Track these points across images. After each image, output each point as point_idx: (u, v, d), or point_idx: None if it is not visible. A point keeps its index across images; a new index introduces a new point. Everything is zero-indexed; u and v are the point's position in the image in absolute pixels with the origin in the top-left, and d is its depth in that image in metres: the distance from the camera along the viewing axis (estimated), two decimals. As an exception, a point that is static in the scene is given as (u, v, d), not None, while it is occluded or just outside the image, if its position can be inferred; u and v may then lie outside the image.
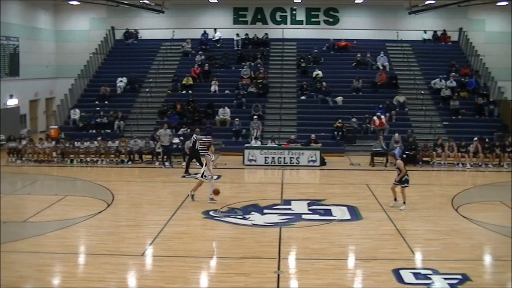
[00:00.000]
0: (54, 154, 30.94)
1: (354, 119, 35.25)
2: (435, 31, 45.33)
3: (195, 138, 27.85)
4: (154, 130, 33.26)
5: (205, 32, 44.12)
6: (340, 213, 20.48)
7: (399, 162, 20.82)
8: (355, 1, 43.78)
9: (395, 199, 20.99)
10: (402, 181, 20.74)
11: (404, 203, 20.64)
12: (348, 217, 20.05)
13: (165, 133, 30.15)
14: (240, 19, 45.56)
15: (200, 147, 27.72)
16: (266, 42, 43.77)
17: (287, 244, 16.91)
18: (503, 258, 15.98)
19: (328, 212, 20.62)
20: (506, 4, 41.95)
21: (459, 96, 38.09)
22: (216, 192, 21.13)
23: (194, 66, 40.37)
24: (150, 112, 37.04)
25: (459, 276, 14.26)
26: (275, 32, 44.55)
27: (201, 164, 25.42)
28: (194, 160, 27.69)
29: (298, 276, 14.52)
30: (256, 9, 45.21)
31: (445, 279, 14.10)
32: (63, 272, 14.41)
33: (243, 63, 40.69)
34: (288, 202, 22.04)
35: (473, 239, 17.93)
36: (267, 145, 31.33)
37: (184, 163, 28.91)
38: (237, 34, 43.79)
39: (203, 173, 21.34)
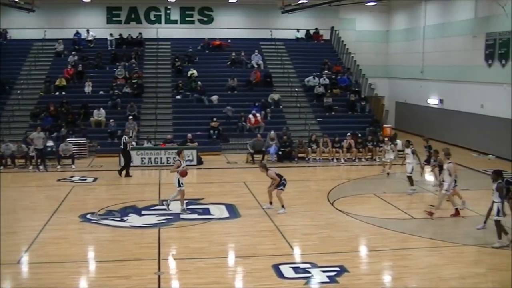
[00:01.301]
0: None
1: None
2: (307, 30, 46.21)
3: (125, 139, 27.55)
4: (27, 133, 32.18)
5: (77, 32, 43.02)
6: (219, 211, 20.58)
7: (270, 172, 20.58)
8: (229, 1, 44.01)
9: (271, 203, 20.83)
10: (278, 185, 20.71)
11: (283, 206, 20.43)
12: (227, 215, 20.17)
13: (38, 136, 29.20)
14: (114, 18, 44.72)
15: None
16: (140, 42, 43.27)
17: (167, 244, 16.83)
18: (377, 248, 16.59)
19: (207, 211, 20.67)
20: (375, 4, 43.45)
21: (332, 93, 39.05)
22: (184, 173, 20.46)
23: (67, 67, 39.31)
24: (22, 115, 35.70)
25: (337, 268, 14.68)
26: (150, 31, 44.12)
27: (127, 165, 25.78)
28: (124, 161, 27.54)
29: (179, 276, 14.49)
30: (130, 8, 44.55)
31: (324, 271, 14.47)
32: None
33: (117, 63, 40.05)
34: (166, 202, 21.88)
35: (349, 231, 18.48)
36: (143, 146, 31.00)
37: (59, 167, 28.24)
38: (111, 34, 43.02)
39: (179, 182, 20.52)
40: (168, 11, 45.07)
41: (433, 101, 40.60)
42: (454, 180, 19.93)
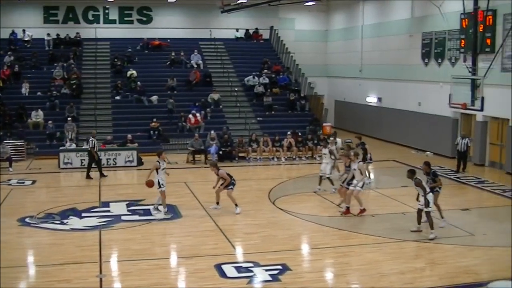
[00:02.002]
0: None
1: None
2: (247, 30, 46.32)
3: (92, 140, 27.22)
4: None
5: (13, 32, 42.17)
6: (160, 212, 20.45)
7: (221, 172, 20.54)
8: (168, 0, 43.81)
9: (218, 203, 20.77)
10: (228, 185, 20.54)
11: (236, 205, 20.34)
12: (168, 216, 20.06)
13: (-27, 139, 28.66)
14: (51, 18, 43.89)
15: None
16: (78, 42, 42.67)
17: (108, 246, 16.67)
18: (319, 246, 16.76)
19: (148, 212, 20.56)
20: (314, 4, 43.83)
21: (272, 92, 39.22)
22: (150, 184, 20.17)
23: (3, 67, 38.50)
24: (-45, 118, 34.97)
25: (279, 267, 14.76)
26: (88, 31, 43.55)
27: (100, 167, 26.00)
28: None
29: (121, 278, 14.37)
30: (67, 8, 43.82)
31: (266, 270, 14.54)
32: None
33: (55, 64, 39.39)
34: (106, 204, 21.71)
35: (291, 230, 18.61)
36: (83, 147, 30.59)
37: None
38: (48, 34, 42.29)
39: (159, 183, 20.12)
40: (106, 11, 44.55)
41: (371, 100, 41.15)
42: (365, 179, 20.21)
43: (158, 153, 21.00)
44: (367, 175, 20.82)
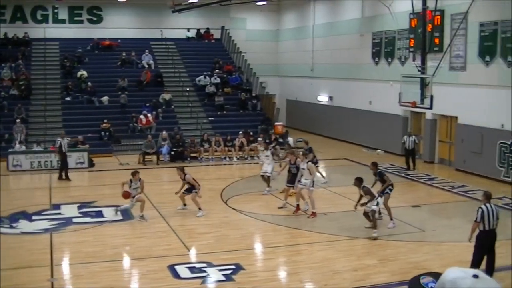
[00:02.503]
0: None
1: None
2: (198, 29, 46.22)
3: (61, 141, 26.74)
4: None
5: (-42, 32, 41.50)
6: (112, 214, 20.30)
7: (188, 177, 20.29)
8: (119, 0, 43.48)
9: (185, 204, 20.70)
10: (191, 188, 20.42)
11: (200, 209, 20.17)
12: (120, 217, 19.91)
13: None
14: (-2, 17, 43.35)
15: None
16: (27, 42, 42.00)
17: (60, 250, 16.49)
18: (272, 245, 16.84)
19: (100, 214, 20.41)
20: (265, 4, 43.95)
21: (223, 92, 39.23)
22: (126, 195, 19.78)
23: None
24: None
25: (233, 266, 14.80)
26: (37, 31, 42.84)
27: (65, 167, 25.66)
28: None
29: (73, 281, 14.24)
30: (15, 7, 43.06)
31: (220, 270, 14.57)
32: None
33: (3, 64, 38.66)
34: (57, 206, 21.43)
35: (243, 229, 18.68)
36: (33, 149, 30.20)
37: None
38: (-5, 34, 41.71)
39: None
40: (55, 10, 43.96)
41: (323, 99, 41.44)
42: (313, 179, 20.35)
43: (132, 173, 20.19)
44: (321, 175, 20.94)
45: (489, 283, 6.36)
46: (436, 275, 8.05)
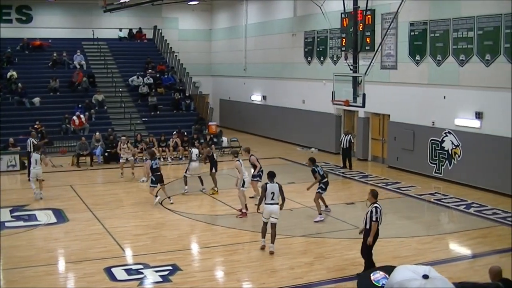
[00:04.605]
0: None
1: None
2: (130, 29, 45.80)
3: (32, 142, 26.07)
4: None
5: None
6: (46, 217, 20.02)
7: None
8: (48, -1, 42.89)
9: (169, 197, 21.83)
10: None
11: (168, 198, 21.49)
12: (54, 220, 19.67)
13: None
14: None
15: None
16: (-47, 42, 41.06)
17: (-8, 254, 16.16)
18: (209, 245, 16.87)
19: (33, 217, 20.06)
20: (197, 3, 43.89)
21: (157, 92, 39.02)
22: None
23: None
24: None
25: (170, 267, 14.80)
26: (-37, 31, 41.92)
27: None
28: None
29: (7, 287, 13.94)
30: None
31: (157, 271, 14.53)
32: None
33: None
34: (-12, 210, 20.98)
35: (179, 230, 18.69)
36: (-38, 152, 29.53)
37: None
38: None
39: None
40: (-18, 10, 43.01)
41: (256, 98, 41.61)
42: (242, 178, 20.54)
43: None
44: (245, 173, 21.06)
45: (439, 283, 6.14)
46: (388, 269, 7.93)
